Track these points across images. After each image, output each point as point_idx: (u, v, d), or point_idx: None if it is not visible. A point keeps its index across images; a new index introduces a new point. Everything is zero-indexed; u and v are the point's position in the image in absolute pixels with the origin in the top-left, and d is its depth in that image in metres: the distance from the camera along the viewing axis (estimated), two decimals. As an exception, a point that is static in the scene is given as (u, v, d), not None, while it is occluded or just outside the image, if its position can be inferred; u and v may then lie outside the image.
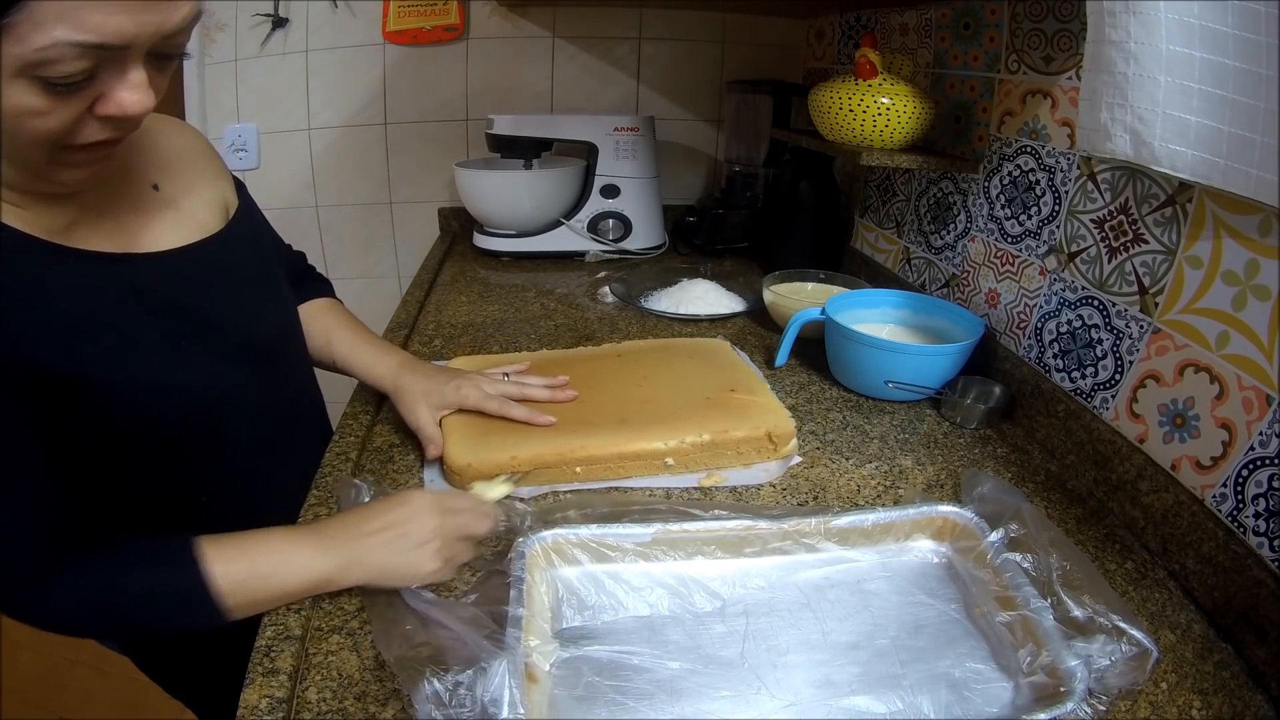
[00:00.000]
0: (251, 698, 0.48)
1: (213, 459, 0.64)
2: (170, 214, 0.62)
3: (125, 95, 0.45)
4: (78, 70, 0.42)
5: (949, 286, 1.08)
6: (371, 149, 1.61)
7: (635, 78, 1.62)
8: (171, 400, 0.58)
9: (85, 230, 0.55)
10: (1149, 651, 0.50)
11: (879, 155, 0.97)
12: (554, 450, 0.72)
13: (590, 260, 1.49)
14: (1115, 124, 0.61)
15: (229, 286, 0.64)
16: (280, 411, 0.71)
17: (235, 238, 0.67)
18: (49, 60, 0.40)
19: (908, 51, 1.17)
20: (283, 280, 0.75)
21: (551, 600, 0.59)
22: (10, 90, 0.41)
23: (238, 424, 0.65)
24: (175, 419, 0.59)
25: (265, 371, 0.67)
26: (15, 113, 0.42)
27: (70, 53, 0.41)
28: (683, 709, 0.50)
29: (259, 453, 0.69)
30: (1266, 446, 0.58)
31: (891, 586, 0.62)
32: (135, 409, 0.56)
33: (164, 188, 0.63)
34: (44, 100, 0.42)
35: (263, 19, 1.48)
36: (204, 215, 0.65)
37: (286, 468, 0.73)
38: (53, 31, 0.39)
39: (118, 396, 0.54)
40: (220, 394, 0.62)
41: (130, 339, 0.55)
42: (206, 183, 0.67)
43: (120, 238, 0.57)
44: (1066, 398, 0.81)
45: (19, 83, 0.41)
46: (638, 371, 0.88)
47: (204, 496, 0.65)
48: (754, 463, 0.77)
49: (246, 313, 0.66)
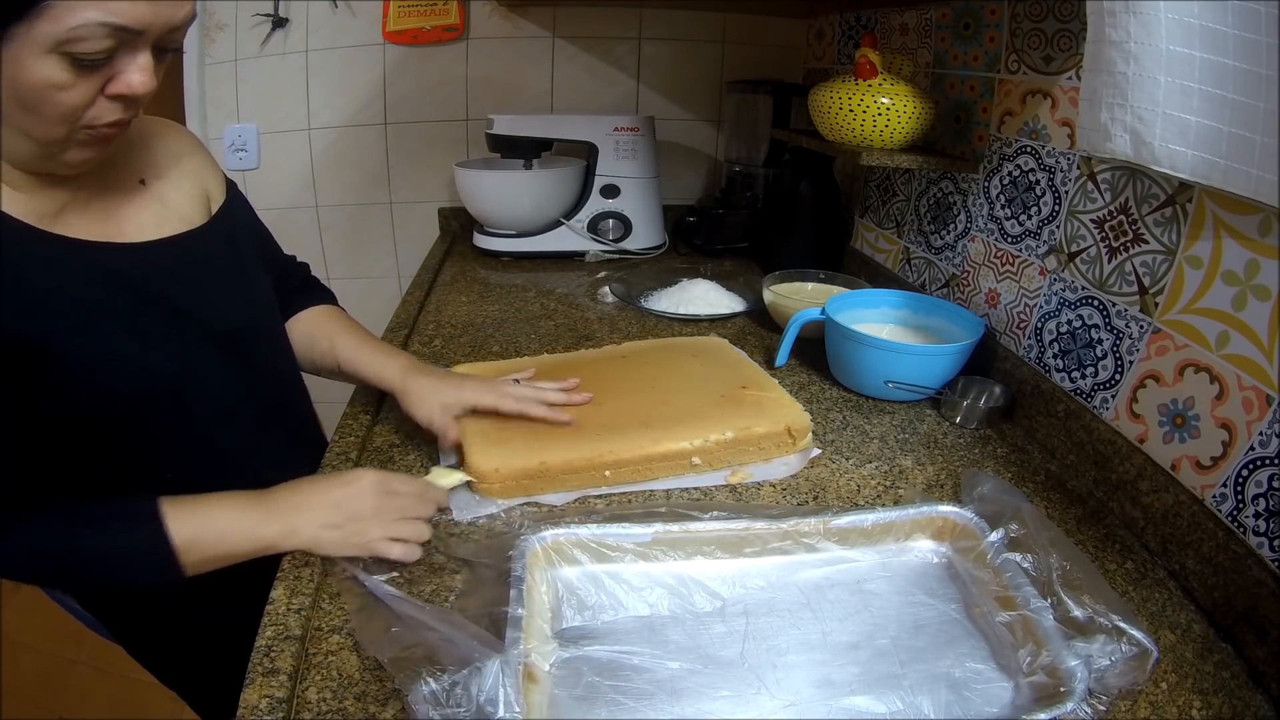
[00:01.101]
0: (251, 698, 0.48)
1: (176, 439, 0.67)
2: (155, 207, 0.66)
3: (134, 76, 0.52)
4: (101, 49, 0.49)
5: (949, 286, 1.08)
6: (371, 149, 1.61)
7: (635, 78, 1.62)
8: (132, 375, 0.61)
9: (74, 217, 0.60)
10: (1149, 651, 0.50)
11: (879, 155, 0.97)
12: (582, 455, 0.72)
13: (590, 260, 1.49)
14: (1115, 124, 0.61)
15: (201, 277, 0.68)
16: (251, 401, 0.73)
17: (214, 232, 0.71)
18: (79, 38, 0.47)
19: (908, 51, 1.17)
20: (260, 277, 0.77)
21: (551, 600, 0.59)
22: (42, 65, 0.48)
23: (201, 406, 0.67)
24: (135, 393, 0.62)
25: (234, 360, 0.69)
26: (44, 85, 0.49)
27: (98, 32, 0.48)
28: (683, 709, 0.50)
29: (225, 437, 0.71)
30: (1266, 446, 0.58)
31: (891, 586, 0.62)
32: (94, 380, 0.59)
33: (151, 183, 0.67)
34: (69, 75, 0.49)
35: (263, 19, 1.48)
36: (188, 210, 0.69)
37: (260, 456, 0.74)
38: (85, 13, 0.47)
39: (77, 366, 0.58)
40: (183, 374, 0.65)
41: (95, 315, 0.59)
42: (193, 181, 0.71)
43: (105, 226, 0.62)
44: (1066, 398, 0.81)
45: (50, 58, 0.48)
46: (647, 373, 0.88)
47: (168, 473, 0.68)
48: (774, 457, 0.78)
49: (216, 302, 0.69)
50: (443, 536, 0.65)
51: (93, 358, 0.58)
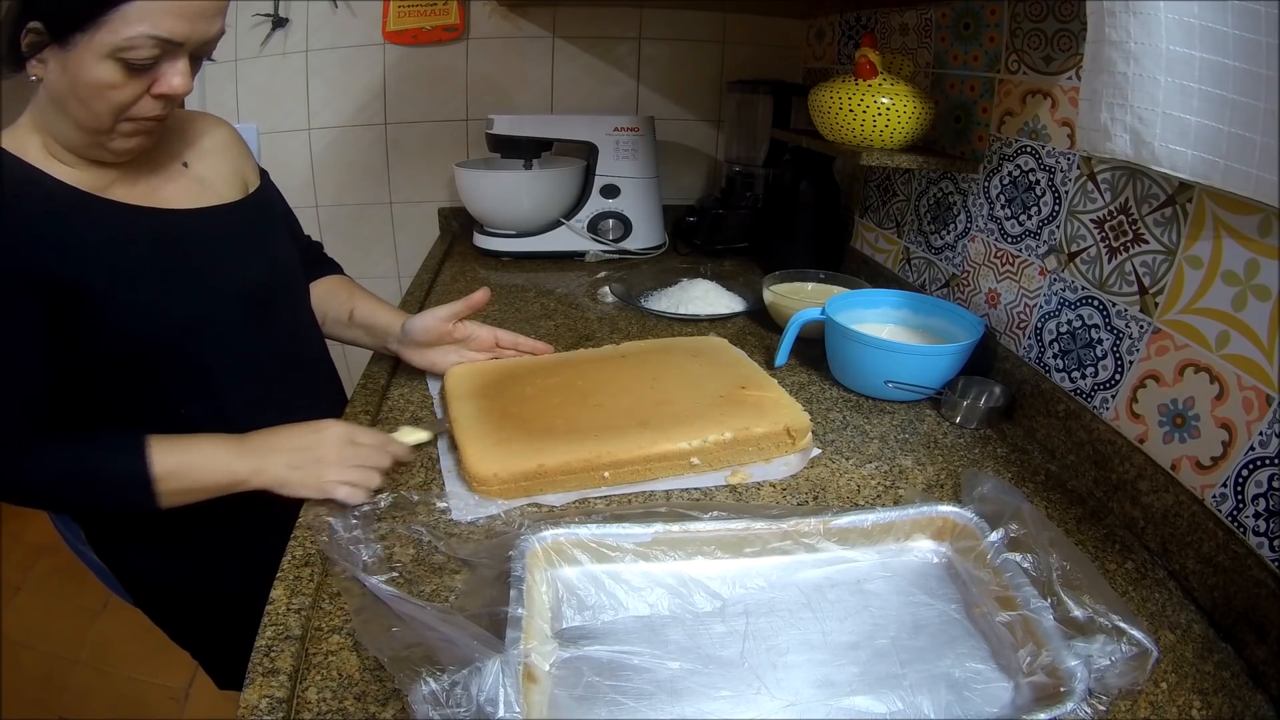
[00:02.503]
0: (251, 698, 0.48)
1: (194, 380, 0.75)
2: (195, 185, 0.77)
3: (175, 79, 0.63)
4: (148, 56, 0.60)
5: (949, 286, 1.08)
6: (371, 149, 1.61)
7: (635, 78, 1.62)
8: (159, 320, 0.70)
9: (121, 189, 0.70)
10: (1149, 651, 0.50)
11: (879, 155, 0.97)
12: (580, 456, 0.72)
13: (590, 260, 1.49)
14: (1115, 124, 0.60)
15: (229, 243, 0.78)
16: (268, 354, 0.81)
17: (246, 207, 0.82)
18: (131, 46, 0.58)
19: (908, 51, 1.17)
20: (287, 249, 0.88)
21: (551, 600, 0.59)
22: (99, 67, 0.59)
23: (219, 354, 0.76)
24: (160, 338, 0.71)
25: (254, 316, 0.79)
26: (100, 85, 0.60)
27: (147, 43, 0.59)
28: (683, 709, 0.50)
29: (240, 384, 0.79)
30: (1266, 446, 0.58)
31: (891, 586, 0.62)
32: (125, 323, 0.68)
33: (193, 166, 0.78)
34: (120, 77, 0.60)
35: (263, 19, 1.48)
36: (224, 190, 0.80)
37: (272, 403, 0.80)
38: (137, 27, 0.58)
39: (112, 310, 0.67)
40: (204, 324, 0.74)
41: (132, 267, 0.69)
42: (231, 167, 0.82)
43: (149, 198, 0.72)
44: (1066, 398, 0.81)
45: (106, 62, 0.59)
46: (646, 373, 0.88)
47: (182, 409, 0.75)
48: (774, 458, 0.78)
49: (241, 265, 0.78)
50: (443, 536, 0.65)
51: (126, 303, 0.68)
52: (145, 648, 1.62)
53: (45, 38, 0.58)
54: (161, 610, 0.89)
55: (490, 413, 0.80)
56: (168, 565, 0.83)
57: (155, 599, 0.88)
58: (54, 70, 0.60)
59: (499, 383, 0.87)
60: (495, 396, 0.83)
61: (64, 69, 0.59)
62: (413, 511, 0.69)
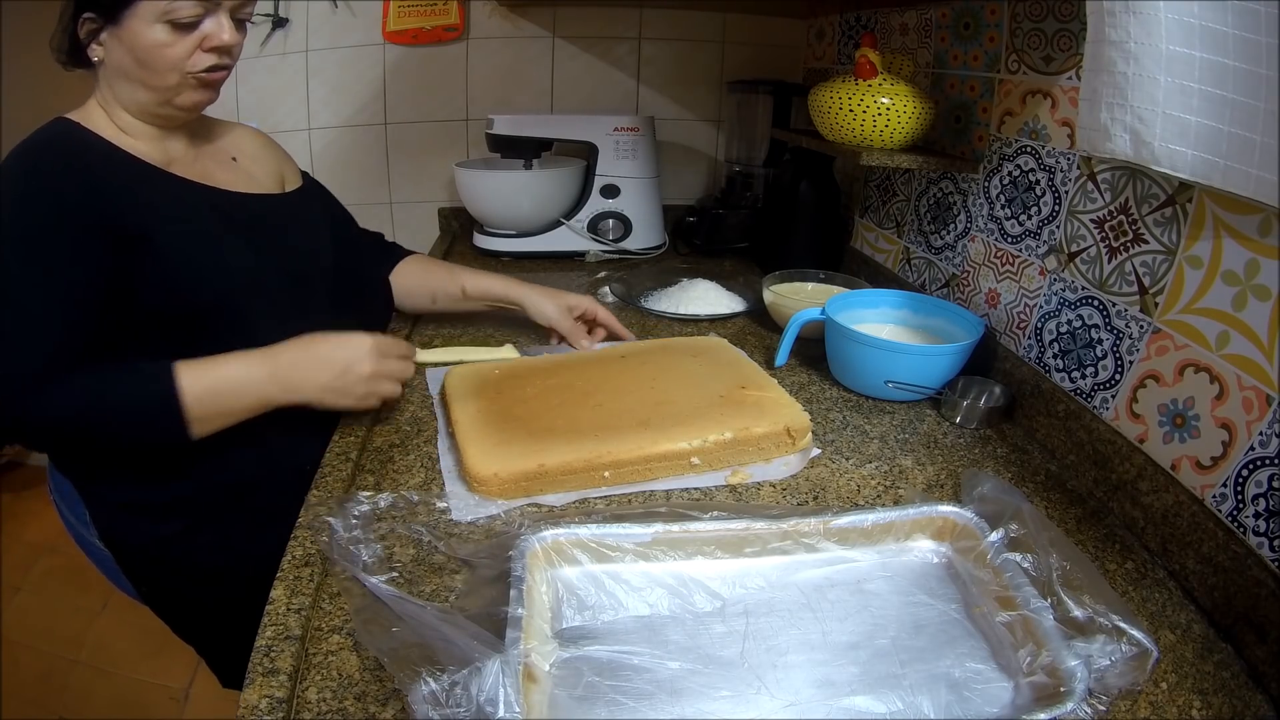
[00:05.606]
0: (251, 698, 0.48)
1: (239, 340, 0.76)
2: (242, 175, 0.86)
3: (221, 33, 0.72)
4: (193, 15, 0.69)
5: (949, 286, 1.08)
6: (371, 149, 1.61)
7: (635, 78, 1.62)
8: (213, 279, 0.76)
9: (181, 167, 0.79)
10: (1149, 651, 0.50)
11: (879, 155, 0.97)
12: (580, 456, 0.72)
13: (590, 260, 1.49)
14: (1115, 124, 0.60)
15: (274, 227, 0.86)
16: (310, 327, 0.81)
17: (288, 201, 0.91)
18: (176, 8, 0.68)
19: (908, 51, 1.17)
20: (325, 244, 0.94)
21: (551, 600, 0.59)
22: (152, 31, 0.69)
23: (264, 319, 0.80)
24: (212, 294, 0.76)
25: (299, 288, 0.86)
26: (154, 46, 0.69)
27: (188, 4, 0.68)
28: (683, 709, 0.50)
29: None
30: (1266, 446, 0.58)
31: (891, 586, 0.62)
32: (182, 278, 0.74)
33: (241, 161, 0.88)
34: (170, 36, 0.70)
35: (263, 19, 1.48)
36: (265, 182, 0.89)
37: None
38: None
39: (172, 264, 0.73)
40: (256, 286, 0.80)
41: (192, 228, 0.76)
42: (273, 166, 0.92)
43: (206, 178, 0.81)
44: (1066, 398, 0.81)
45: (156, 26, 0.69)
46: (646, 373, 0.88)
47: None
48: (774, 457, 0.78)
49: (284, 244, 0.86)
50: (443, 536, 0.65)
51: (186, 259, 0.74)
52: (145, 648, 1.62)
53: (100, 23, 0.69)
54: (164, 600, 0.89)
55: (490, 413, 0.80)
56: (170, 546, 0.83)
57: (158, 587, 0.88)
58: (113, 48, 0.70)
59: (499, 383, 0.87)
60: (495, 397, 0.83)
61: (120, 42, 0.69)
62: (413, 511, 0.69)
